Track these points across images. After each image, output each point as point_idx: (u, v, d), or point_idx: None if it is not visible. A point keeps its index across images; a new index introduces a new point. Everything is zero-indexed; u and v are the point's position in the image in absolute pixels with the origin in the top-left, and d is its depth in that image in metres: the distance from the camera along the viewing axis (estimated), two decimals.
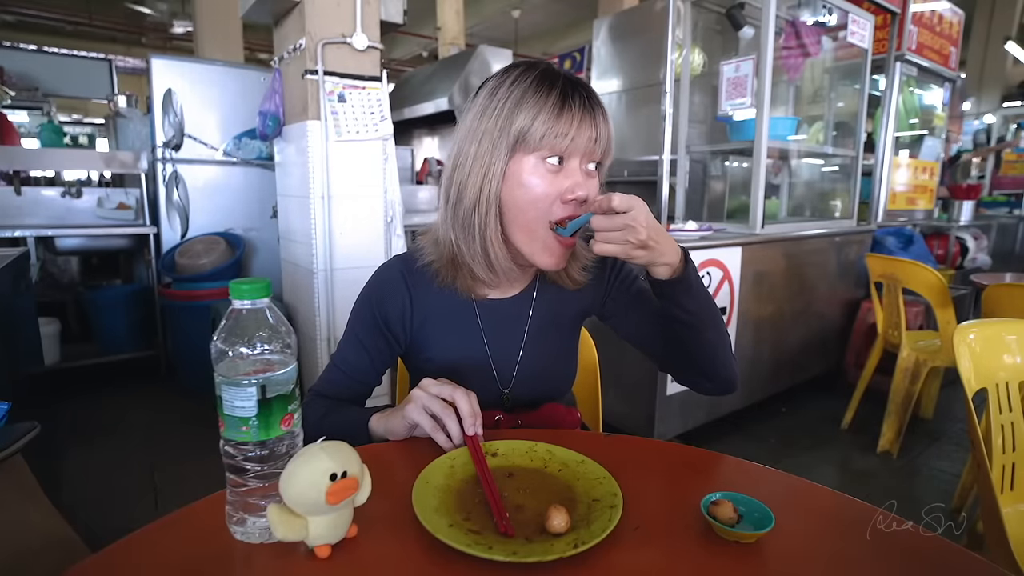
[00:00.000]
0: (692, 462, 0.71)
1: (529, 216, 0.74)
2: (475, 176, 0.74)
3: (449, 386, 0.71)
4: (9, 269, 1.55)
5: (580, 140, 0.72)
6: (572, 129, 0.71)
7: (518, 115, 0.72)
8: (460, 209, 0.77)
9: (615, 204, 0.67)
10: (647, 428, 2.14)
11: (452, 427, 0.68)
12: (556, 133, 0.71)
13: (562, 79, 0.74)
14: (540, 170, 0.73)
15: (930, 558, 0.53)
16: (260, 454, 0.54)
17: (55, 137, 3.54)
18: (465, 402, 0.69)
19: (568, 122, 0.71)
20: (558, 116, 0.71)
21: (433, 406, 0.69)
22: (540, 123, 0.71)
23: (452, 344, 0.86)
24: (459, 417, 0.69)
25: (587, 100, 0.73)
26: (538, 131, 0.71)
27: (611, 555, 0.51)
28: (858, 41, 2.76)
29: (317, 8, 2.18)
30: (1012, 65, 9.16)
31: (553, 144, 0.71)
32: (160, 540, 0.53)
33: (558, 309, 0.90)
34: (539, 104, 0.72)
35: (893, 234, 3.13)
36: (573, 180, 0.74)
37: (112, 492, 1.98)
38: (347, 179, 2.31)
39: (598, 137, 0.74)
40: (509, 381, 0.88)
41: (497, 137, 0.73)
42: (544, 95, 0.72)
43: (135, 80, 9.20)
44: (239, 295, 0.53)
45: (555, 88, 0.72)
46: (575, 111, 0.72)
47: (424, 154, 4.83)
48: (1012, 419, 1.07)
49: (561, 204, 0.74)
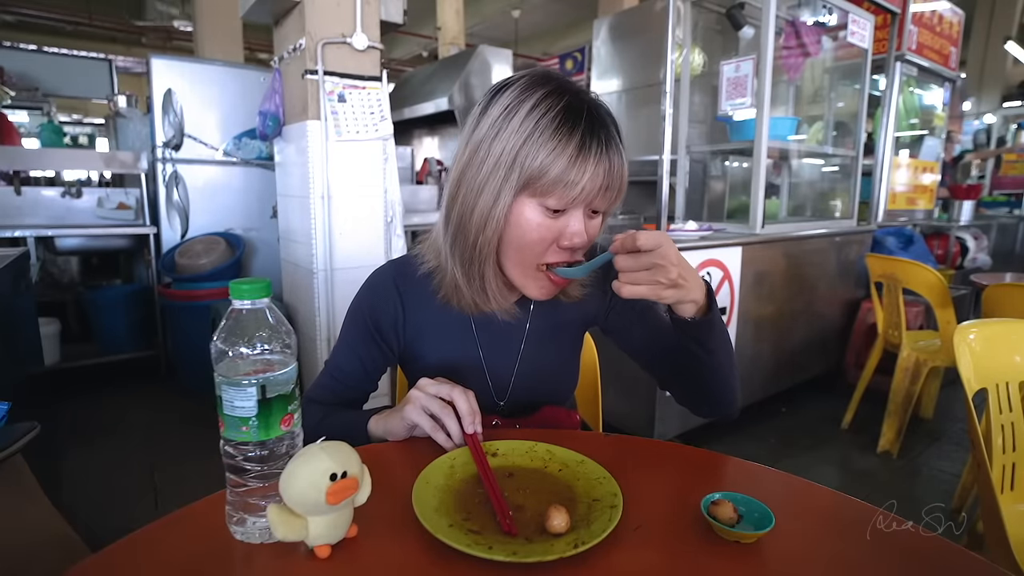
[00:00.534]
0: (692, 462, 0.71)
1: (523, 255, 0.72)
2: (480, 211, 0.70)
3: (447, 385, 0.70)
4: (9, 269, 1.55)
5: (591, 190, 0.67)
6: (584, 179, 0.66)
7: (534, 155, 0.66)
8: (459, 240, 0.73)
9: (641, 243, 0.62)
10: (647, 428, 2.14)
11: (451, 426, 0.68)
12: (567, 183, 0.66)
13: (585, 118, 0.67)
14: (540, 213, 0.69)
15: (930, 558, 0.52)
16: (260, 454, 0.54)
17: (55, 137, 3.54)
18: (464, 401, 0.69)
19: (581, 171, 0.66)
20: (570, 164, 0.66)
21: (431, 406, 0.69)
22: (554, 171, 0.66)
23: (446, 353, 0.84)
24: (458, 416, 0.69)
25: (606, 146, 0.67)
26: (549, 179, 0.66)
27: (611, 555, 0.51)
28: (858, 41, 2.76)
29: (317, 8, 2.18)
30: (1012, 65, 9.16)
31: (562, 194, 0.67)
32: (160, 540, 0.53)
33: (557, 319, 0.87)
34: (558, 149, 0.66)
35: (893, 234, 3.13)
36: (573, 228, 0.69)
37: (112, 492, 1.98)
38: (347, 179, 2.31)
39: (609, 186, 0.68)
40: (505, 392, 0.87)
41: (506, 174, 0.68)
42: (565, 138, 0.66)
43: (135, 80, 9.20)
44: (239, 295, 0.53)
45: (576, 130, 0.66)
46: (591, 159, 0.66)
47: (424, 154, 4.83)
48: (1012, 419, 1.07)
49: (557, 248, 0.71)
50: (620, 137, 0.70)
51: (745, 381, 2.44)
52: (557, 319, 0.87)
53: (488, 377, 0.86)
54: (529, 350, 0.86)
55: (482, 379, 0.85)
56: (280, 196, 2.71)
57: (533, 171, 0.66)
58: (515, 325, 0.85)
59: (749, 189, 2.42)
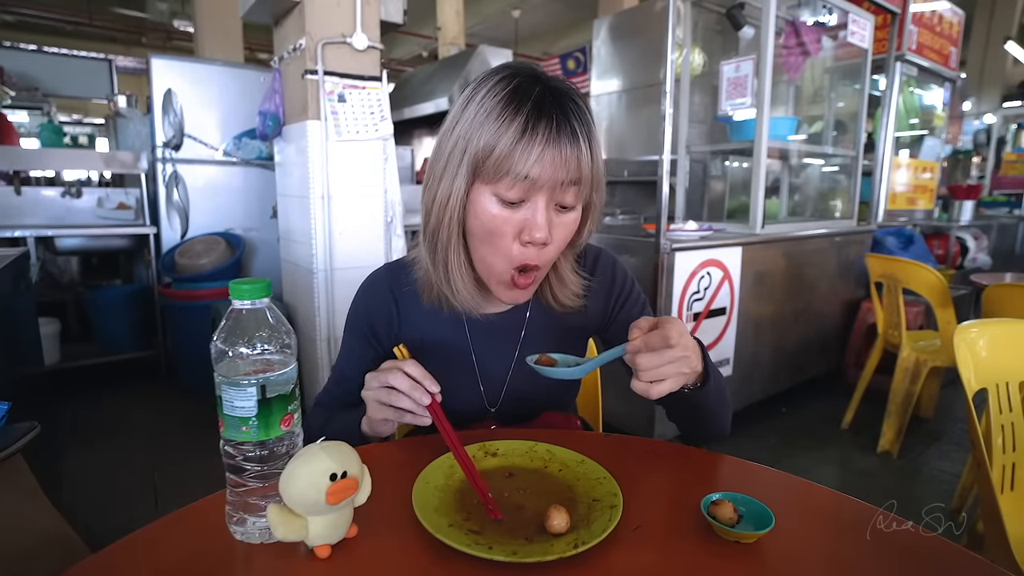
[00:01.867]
0: (692, 462, 0.71)
1: (485, 250, 0.69)
2: (439, 200, 0.68)
3: (384, 373, 0.68)
4: (9, 269, 1.54)
5: (545, 177, 0.62)
6: (530, 161, 0.61)
7: (478, 136, 0.63)
8: (428, 230, 0.72)
9: (675, 340, 0.60)
10: (647, 428, 2.14)
11: (406, 405, 0.67)
12: (511, 166, 0.62)
13: (533, 98, 0.63)
14: (496, 203, 0.65)
15: (930, 558, 0.52)
16: (260, 454, 0.54)
17: (55, 137, 3.54)
18: (402, 380, 0.67)
19: (527, 153, 0.61)
20: (514, 142, 0.62)
21: (386, 399, 0.68)
22: (498, 151, 0.62)
23: (439, 357, 0.80)
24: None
25: (557, 129, 0.62)
26: (494, 160, 0.63)
27: (611, 555, 0.51)
28: (858, 41, 2.76)
29: (317, 8, 2.18)
30: (1012, 65, 9.15)
31: (511, 180, 0.63)
32: (160, 540, 0.53)
33: (555, 327, 0.84)
34: (498, 126, 0.62)
35: (893, 234, 3.13)
36: (533, 220, 0.65)
37: (112, 492, 1.98)
38: (347, 179, 2.31)
39: (570, 176, 0.63)
40: (497, 400, 0.84)
41: (459, 160, 0.65)
42: (508, 116, 0.62)
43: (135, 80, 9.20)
44: (239, 295, 0.53)
45: (522, 110, 0.62)
46: (537, 141, 0.61)
47: (424, 154, 4.83)
48: (1012, 419, 1.07)
49: (520, 246, 0.67)
50: (586, 126, 0.64)
51: (745, 381, 2.46)
52: (557, 326, 0.84)
53: (480, 381, 0.83)
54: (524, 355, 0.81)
55: (474, 385, 0.83)
56: (280, 196, 2.71)
57: (478, 153, 0.64)
58: (510, 331, 0.84)
59: (749, 189, 2.42)
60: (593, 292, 0.84)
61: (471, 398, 0.83)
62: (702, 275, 2.14)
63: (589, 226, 0.74)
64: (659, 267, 2.02)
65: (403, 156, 3.51)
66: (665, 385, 0.61)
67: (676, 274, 2.04)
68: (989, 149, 5.79)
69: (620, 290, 0.87)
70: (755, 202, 2.38)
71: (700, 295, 2.15)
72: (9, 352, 1.49)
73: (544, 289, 0.81)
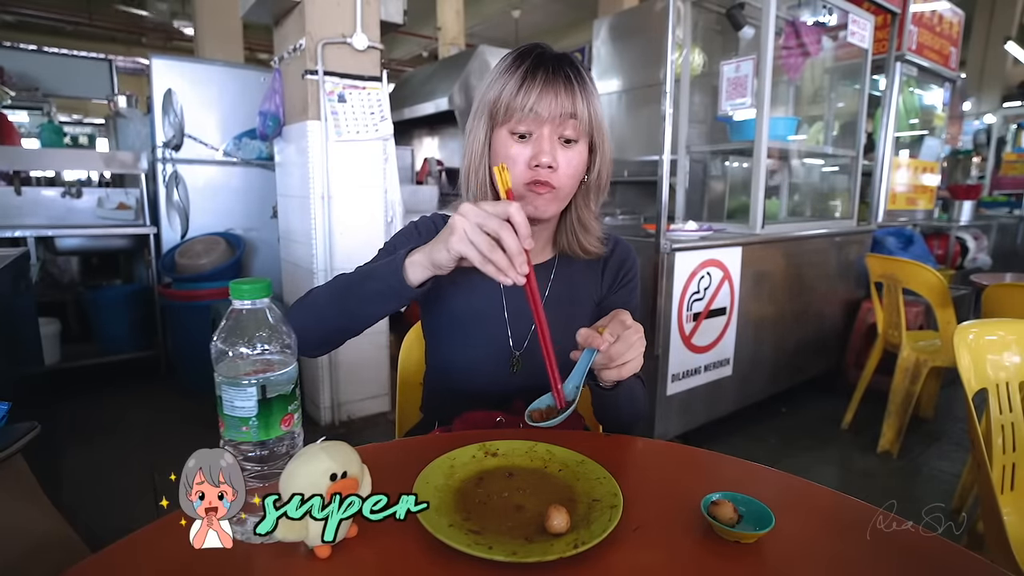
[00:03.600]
0: (692, 462, 0.71)
1: None
2: (471, 151, 0.83)
3: (491, 219, 0.63)
4: (9, 269, 1.54)
5: (542, 109, 0.76)
6: (531, 99, 0.75)
7: (493, 91, 0.78)
8: (468, 180, 0.84)
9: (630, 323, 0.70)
10: (647, 428, 2.14)
11: (500, 260, 0.62)
12: (517, 105, 0.76)
13: (533, 57, 0.78)
14: (511, 142, 0.79)
15: (930, 558, 0.53)
16: (260, 454, 0.54)
17: (55, 137, 3.54)
18: (511, 238, 0.62)
19: (528, 94, 0.75)
20: (519, 87, 0.76)
21: (478, 240, 0.63)
22: (505, 96, 0.77)
23: (472, 298, 0.88)
24: None
25: (553, 71, 0.76)
26: (503, 103, 0.77)
27: (611, 555, 0.51)
28: (858, 41, 2.76)
29: (317, 8, 2.18)
30: (1012, 65, 9.15)
31: (517, 116, 0.76)
32: (160, 540, 0.53)
33: (576, 285, 0.93)
34: (506, 78, 0.77)
35: (893, 234, 3.13)
36: (540, 147, 0.77)
37: (112, 492, 1.98)
38: (347, 179, 2.31)
39: (564, 106, 0.76)
40: (523, 343, 0.89)
41: (480, 112, 0.81)
42: (512, 70, 0.77)
43: (135, 80, 9.20)
44: (239, 295, 0.53)
45: (524, 62, 0.77)
46: (537, 82, 0.76)
47: (424, 154, 4.83)
48: (1012, 419, 1.07)
49: (529, 170, 0.78)
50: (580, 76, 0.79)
51: (745, 381, 2.46)
52: (576, 285, 0.93)
53: (508, 325, 0.88)
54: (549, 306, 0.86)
55: (502, 326, 0.88)
56: (280, 196, 2.71)
57: (491, 101, 0.79)
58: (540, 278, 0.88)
59: (749, 189, 2.42)
60: (610, 265, 0.94)
61: (499, 339, 0.88)
62: (702, 275, 2.14)
63: (599, 166, 0.84)
64: (659, 267, 2.02)
65: (403, 156, 3.51)
66: (632, 364, 0.69)
67: (676, 274, 2.04)
68: (989, 149, 5.79)
69: (627, 273, 0.95)
70: (755, 202, 2.38)
71: (700, 295, 2.15)
72: (9, 352, 1.49)
73: (571, 239, 0.89)
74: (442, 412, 0.92)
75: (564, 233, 0.89)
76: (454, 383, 0.90)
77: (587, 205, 0.88)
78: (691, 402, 2.23)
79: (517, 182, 0.79)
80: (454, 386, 0.90)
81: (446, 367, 0.92)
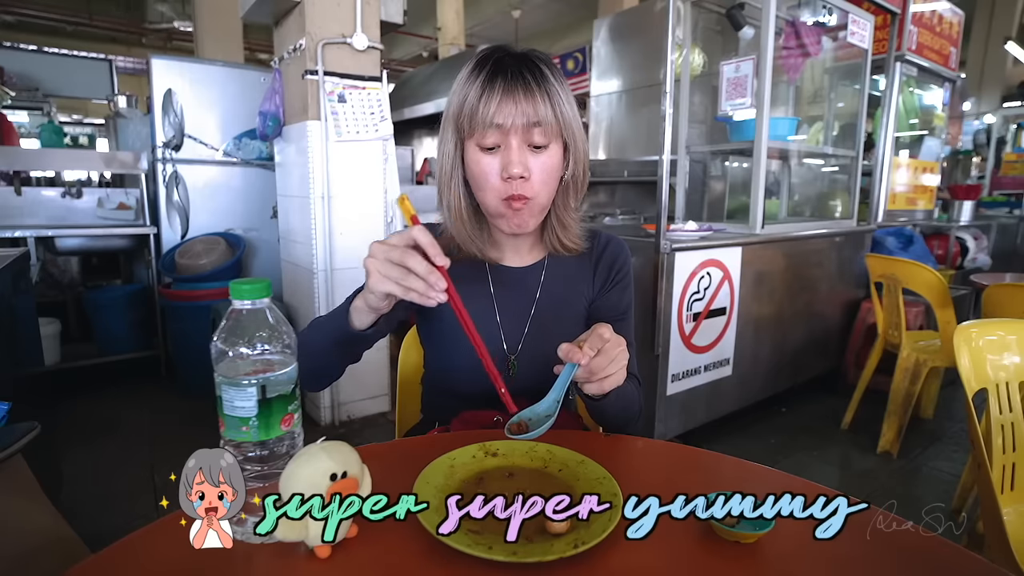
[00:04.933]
0: (692, 462, 0.71)
1: (481, 194, 0.80)
2: (440, 162, 0.82)
3: (395, 250, 0.63)
4: (9, 269, 1.55)
5: (504, 120, 0.73)
6: (491, 110, 0.73)
7: (455, 101, 0.77)
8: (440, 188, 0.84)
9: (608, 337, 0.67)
10: (647, 428, 2.14)
11: (417, 286, 0.62)
12: (479, 119, 0.74)
13: (493, 60, 0.75)
14: (480, 156, 0.77)
15: (930, 558, 0.53)
16: (260, 454, 0.54)
17: (55, 137, 3.54)
18: (417, 263, 0.62)
19: (487, 103, 0.73)
20: (479, 98, 0.74)
21: (391, 274, 0.63)
22: (467, 108, 0.75)
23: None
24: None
25: (512, 76, 0.74)
26: (465, 116, 0.75)
27: (611, 555, 0.51)
28: (858, 41, 2.76)
29: (317, 8, 2.18)
30: (1012, 65, 9.15)
31: (480, 130, 0.74)
32: (160, 540, 0.53)
33: (566, 286, 0.93)
34: (466, 89, 0.75)
35: (893, 234, 3.13)
36: (508, 159, 0.75)
37: (112, 492, 1.98)
38: (347, 179, 2.31)
39: (527, 114, 0.74)
40: (516, 347, 0.89)
41: (446, 124, 0.80)
42: (472, 79, 0.75)
43: (135, 80, 9.21)
44: (239, 295, 0.53)
45: (483, 70, 0.75)
46: (496, 91, 0.73)
47: (424, 154, 4.83)
48: (1012, 419, 1.07)
49: (503, 183, 0.77)
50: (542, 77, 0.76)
51: (745, 381, 2.46)
52: (566, 286, 0.93)
53: (501, 328, 0.88)
54: (540, 309, 0.89)
55: (495, 331, 0.88)
56: (280, 196, 2.71)
57: (455, 112, 0.77)
58: (529, 284, 0.91)
59: (749, 189, 2.42)
60: (602, 264, 0.93)
61: (492, 343, 0.87)
62: (702, 275, 2.14)
63: (573, 166, 0.82)
64: (659, 267, 2.02)
65: (403, 156, 3.51)
66: (614, 378, 0.68)
67: (676, 274, 2.04)
68: (989, 149, 5.79)
69: (619, 271, 0.94)
70: (755, 202, 2.38)
71: (700, 295, 2.15)
72: (9, 352, 1.49)
73: (553, 237, 0.89)
74: (442, 413, 0.92)
75: (547, 232, 0.89)
76: (453, 388, 0.90)
77: (566, 203, 0.87)
78: (691, 402, 2.23)
79: (493, 199, 0.79)
80: (453, 390, 0.90)
81: (443, 373, 0.92)
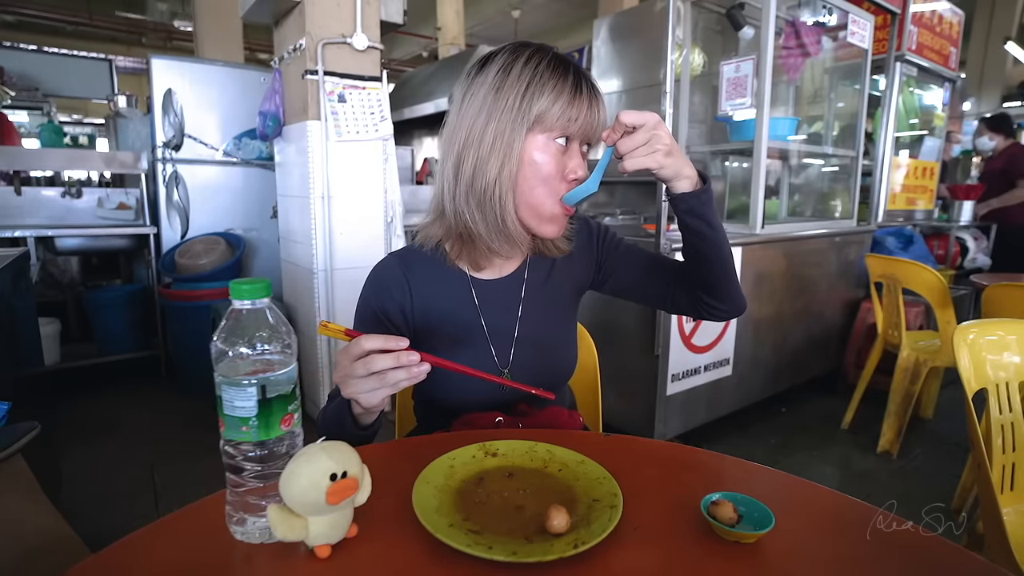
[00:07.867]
0: (692, 462, 0.71)
1: (537, 192, 0.78)
2: (495, 157, 0.76)
3: (358, 365, 0.62)
4: (9, 269, 1.55)
5: (586, 124, 0.78)
6: (582, 114, 0.76)
7: (539, 97, 0.75)
8: (476, 187, 0.78)
9: (629, 120, 0.71)
10: (647, 428, 2.14)
11: (396, 379, 0.62)
12: (569, 117, 0.76)
13: (572, 66, 0.79)
14: (551, 149, 0.77)
15: (930, 558, 0.53)
16: (260, 454, 0.54)
17: (55, 137, 3.54)
18: (382, 361, 0.62)
19: (579, 107, 0.76)
20: (571, 100, 0.76)
21: (368, 385, 0.63)
22: (559, 106, 0.75)
23: (451, 326, 0.87)
24: None
25: (593, 87, 0.79)
26: (555, 113, 0.75)
27: (611, 555, 0.51)
28: (858, 41, 2.76)
29: (317, 8, 2.18)
30: (1012, 65, 9.15)
31: (566, 126, 0.76)
32: (160, 540, 0.53)
33: (551, 286, 0.93)
34: (558, 87, 0.76)
35: (893, 234, 3.13)
36: (575, 161, 0.79)
37: (112, 492, 1.98)
38: (347, 179, 2.31)
39: (599, 123, 0.80)
40: (507, 359, 0.88)
41: (516, 116, 0.75)
42: (562, 79, 0.76)
43: (135, 80, 9.21)
44: (239, 295, 0.53)
45: (569, 73, 0.77)
46: (583, 96, 0.77)
47: (424, 154, 4.83)
48: (1012, 419, 1.07)
49: (565, 183, 0.79)
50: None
51: (745, 381, 2.46)
52: (551, 286, 0.93)
53: (489, 341, 0.88)
54: (527, 314, 0.90)
55: (484, 345, 0.87)
56: (280, 196, 2.71)
57: (542, 110, 0.75)
58: (513, 292, 0.91)
59: (749, 189, 2.42)
60: (582, 248, 0.94)
61: (483, 359, 0.87)
62: None
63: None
64: None
65: (403, 156, 3.51)
66: (640, 161, 0.72)
67: None
68: None
69: (607, 242, 0.96)
70: (755, 202, 2.38)
71: None
72: (9, 352, 1.49)
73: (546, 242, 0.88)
74: (439, 423, 0.90)
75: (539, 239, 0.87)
76: (449, 407, 0.88)
77: None
78: (691, 402, 2.23)
79: (551, 199, 0.79)
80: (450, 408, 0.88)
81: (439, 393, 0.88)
